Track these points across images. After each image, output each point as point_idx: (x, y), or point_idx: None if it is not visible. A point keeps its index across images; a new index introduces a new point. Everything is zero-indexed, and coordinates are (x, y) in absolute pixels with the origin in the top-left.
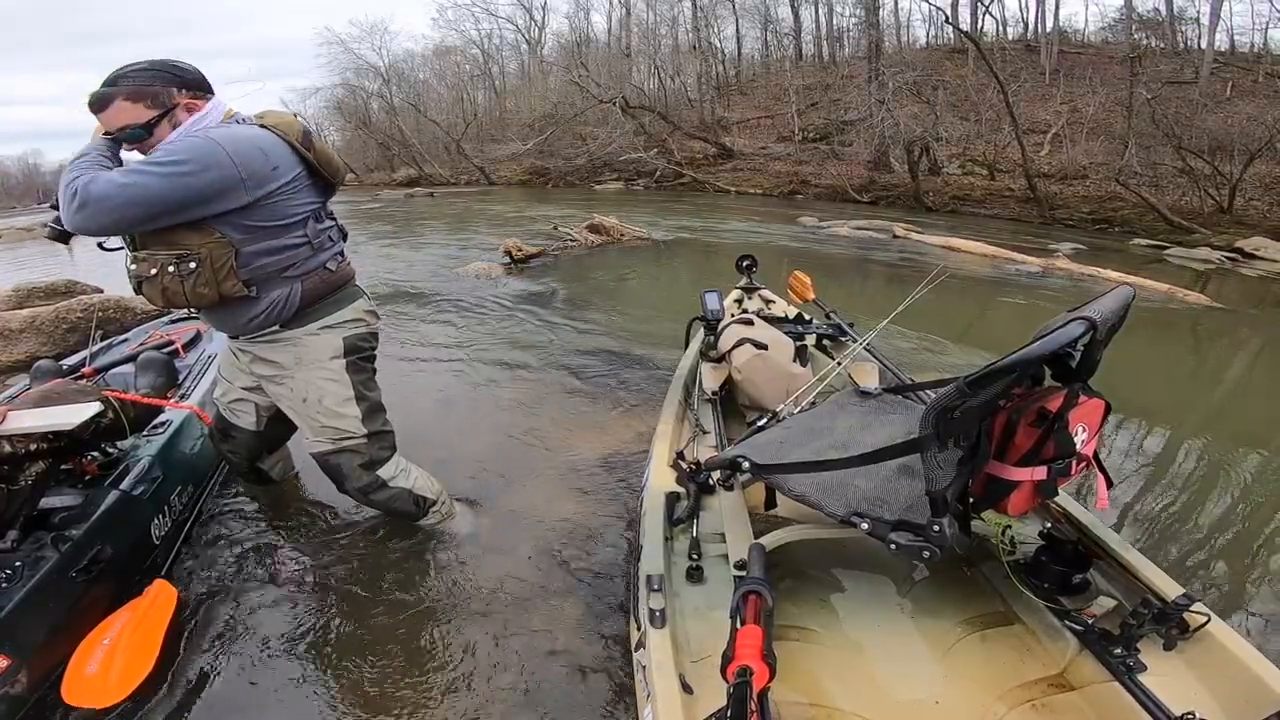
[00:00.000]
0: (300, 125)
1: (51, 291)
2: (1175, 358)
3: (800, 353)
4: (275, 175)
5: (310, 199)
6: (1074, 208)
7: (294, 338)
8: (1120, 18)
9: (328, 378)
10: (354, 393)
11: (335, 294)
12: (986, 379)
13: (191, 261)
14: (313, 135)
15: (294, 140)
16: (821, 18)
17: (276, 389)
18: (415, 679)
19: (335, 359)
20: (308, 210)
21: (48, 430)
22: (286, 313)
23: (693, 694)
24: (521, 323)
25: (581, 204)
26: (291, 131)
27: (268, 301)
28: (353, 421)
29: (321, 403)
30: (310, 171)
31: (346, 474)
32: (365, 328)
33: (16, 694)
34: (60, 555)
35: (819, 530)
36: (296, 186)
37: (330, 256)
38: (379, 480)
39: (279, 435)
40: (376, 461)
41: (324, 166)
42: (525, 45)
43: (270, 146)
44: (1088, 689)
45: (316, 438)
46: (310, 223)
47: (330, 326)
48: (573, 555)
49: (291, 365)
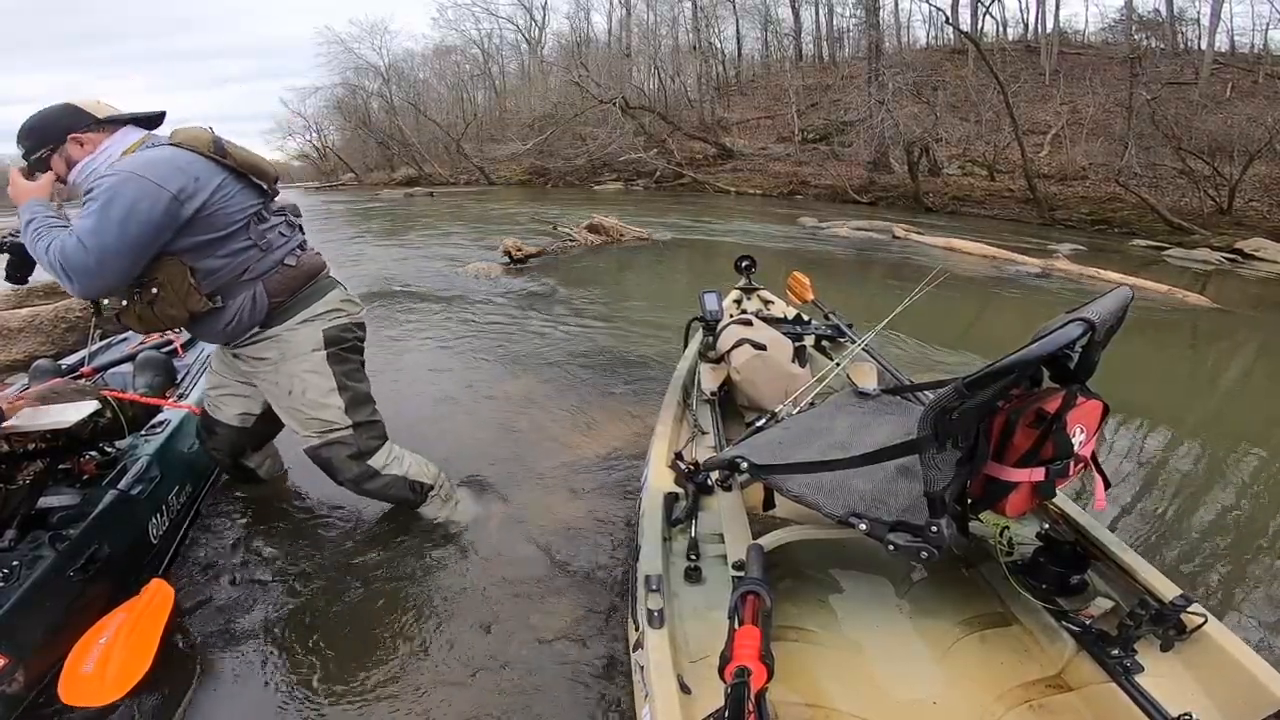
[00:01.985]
0: (209, 136)
1: (50, 291)
2: (1174, 359)
3: (799, 353)
4: (200, 186)
5: (246, 202)
6: (1073, 208)
7: (275, 334)
8: (1120, 18)
9: (309, 370)
10: (336, 384)
11: (306, 288)
12: (985, 380)
13: (153, 288)
14: (224, 142)
15: (204, 151)
16: (822, 18)
17: (264, 384)
18: (413, 678)
19: (316, 351)
20: (247, 214)
21: (46, 429)
22: (258, 313)
23: (691, 694)
24: (520, 322)
25: (581, 204)
26: (200, 143)
27: (235, 308)
28: (336, 412)
29: (305, 395)
30: (237, 177)
31: (337, 466)
32: (345, 318)
33: (13, 693)
34: (58, 554)
35: (817, 531)
36: (227, 193)
37: (286, 253)
38: (370, 470)
39: (263, 433)
40: (366, 452)
41: (248, 170)
42: (525, 45)
43: (183, 161)
44: (1085, 690)
45: (304, 431)
46: (253, 225)
47: (308, 320)
48: (571, 555)
49: (275, 360)
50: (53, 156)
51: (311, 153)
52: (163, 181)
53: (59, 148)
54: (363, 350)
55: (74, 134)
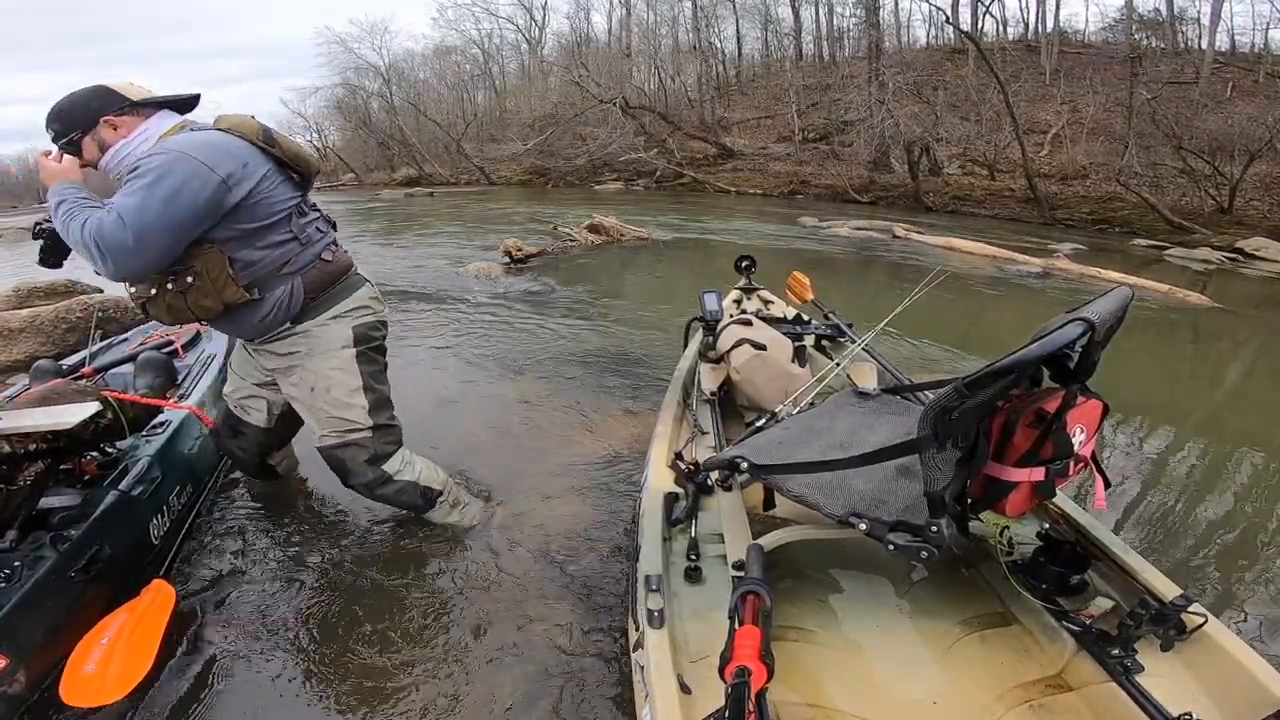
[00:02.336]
0: (258, 124)
1: (51, 291)
2: (1174, 358)
3: (799, 353)
4: (248, 173)
5: (288, 194)
6: (1074, 208)
7: (305, 330)
8: (1121, 18)
9: (337, 367)
10: (363, 383)
11: (338, 284)
12: (985, 380)
13: (188, 276)
14: (273, 131)
15: (253, 139)
16: (822, 18)
17: (286, 380)
18: (413, 678)
19: (345, 349)
20: (289, 206)
21: (47, 430)
22: (293, 308)
23: (691, 694)
24: (520, 323)
25: (581, 204)
26: (249, 130)
27: (272, 301)
28: (359, 412)
29: (330, 392)
30: (280, 167)
31: (352, 469)
32: (373, 315)
33: (15, 693)
34: (59, 555)
35: (817, 531)
36: (271, 183)
37: (323, 248)
38: (384, 475)
39: (286, 431)
40: (381, 456)
41: (292, 161)
42: (525, 45)
43: (234, 146)
44: (1086, 689)
45: (323, 430)
46: (294, 218)
47: (338, 316)
48: (571, 555)
49: (303, 355)
50: (84, 139)
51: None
52: (214, 165)
53: (91, 130)
54: (385, 351)
55: (107, 117)
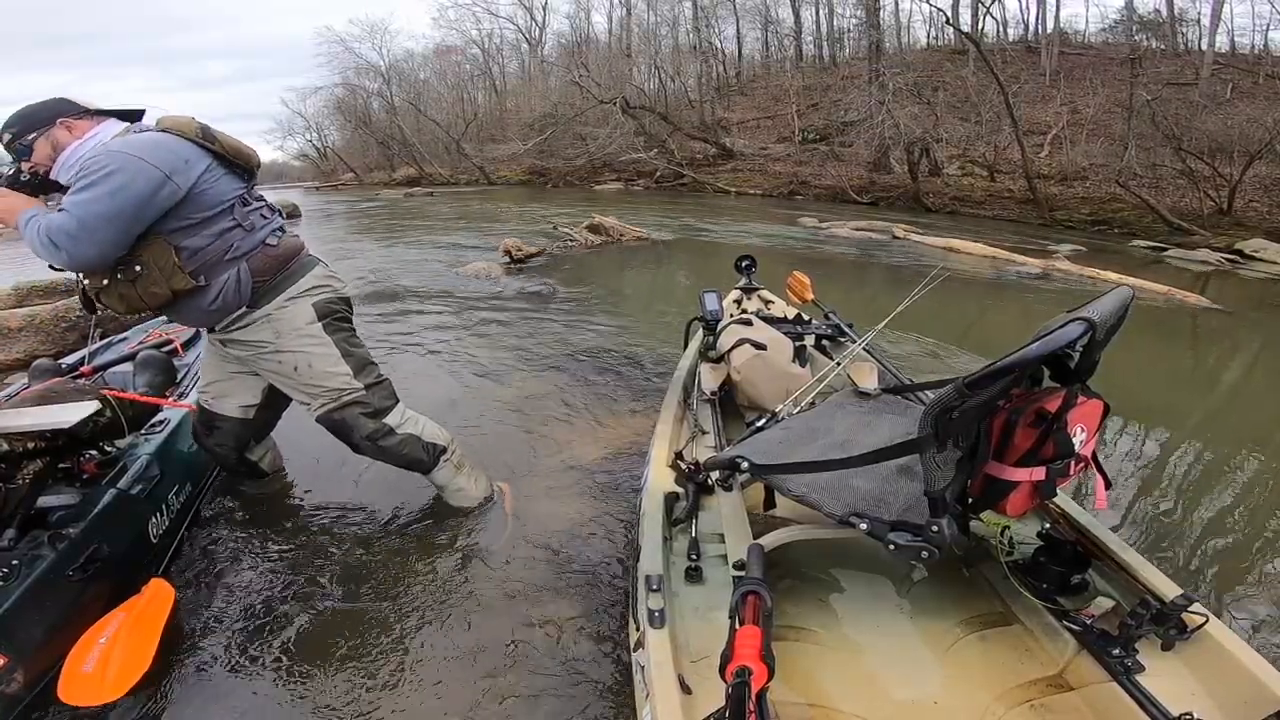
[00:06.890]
0: (197, 123)
1: (50, 290)
2: (1174, 359)
3: (799, 353)
4: (189, 167)
5: (232, 186)
6: (1074, 209)
7: (266, 314)
8: (1121, 19)
9: (311, 344)
10: (339, 350)
11: (288, 267)
12: (985, 380)
13: (136, 265)
14: (212, 129)
15: (192, 136)
16: (822, 18)
17: (265, 367)
18: (413, 677)
19: (312, 324)
20: (233, 197)
21: (46, 429)
22: (243, 293)
23: (691, 694)
24: (520, 323)
25: (581, 204)
26: (188, 129)
27: (218, 286)
28: (345, 379)
29: (311, 368)
30: (221, 161)
31: (353, 425)
32: (331, 292)
33: (12, 692)
34: (57, 554)
35: (818, 530)
36: (213, 176)
37: (268, 234)
38: (386, 427)
39: (264, 422)
40: (382, 410)
41: (232, 155)
42: (525, 45)
43: (174, 144)
44: (1086, 689)
45: (317, 402)
46: (237, 207)
47: (295, 297)
48: (571, 555)
49: (273, 340)
50: (38, 140)
51: (311, 152)
52: (156, 162)
53: (46, 131)
54: (352, 322)
55: (64, 118)
